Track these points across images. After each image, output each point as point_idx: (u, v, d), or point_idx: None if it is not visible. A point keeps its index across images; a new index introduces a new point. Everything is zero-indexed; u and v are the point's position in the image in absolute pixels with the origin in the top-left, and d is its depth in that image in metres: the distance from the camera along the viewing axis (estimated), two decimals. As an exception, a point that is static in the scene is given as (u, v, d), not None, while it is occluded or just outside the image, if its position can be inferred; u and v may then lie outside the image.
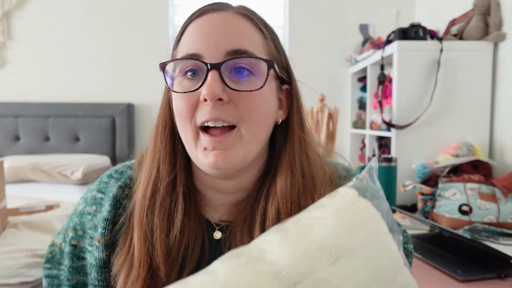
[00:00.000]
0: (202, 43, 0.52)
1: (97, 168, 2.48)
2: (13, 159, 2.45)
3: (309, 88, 0.74)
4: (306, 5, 2.83)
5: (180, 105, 0.53)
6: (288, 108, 0.59)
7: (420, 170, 1.66)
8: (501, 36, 1.75)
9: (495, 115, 1.82)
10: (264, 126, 0.55)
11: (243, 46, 0.51)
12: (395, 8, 2.83)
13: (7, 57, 2.84)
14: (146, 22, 2.83)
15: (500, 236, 1.29)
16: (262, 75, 0.52)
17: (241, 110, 0.51)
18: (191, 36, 0.54)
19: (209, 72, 0.50)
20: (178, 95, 0.53)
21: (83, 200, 0.63)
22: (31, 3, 2.83)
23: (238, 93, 0.51)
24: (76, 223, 0.61)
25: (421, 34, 1.84)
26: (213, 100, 0.49)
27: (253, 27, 0.54)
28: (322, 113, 2.13)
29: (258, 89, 0.51)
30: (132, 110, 2.84)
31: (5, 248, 1.43)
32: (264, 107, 0.53)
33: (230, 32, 0.52)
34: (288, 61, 0.60)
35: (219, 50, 0.51)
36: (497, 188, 1.39)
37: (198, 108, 0.52)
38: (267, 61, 0.52)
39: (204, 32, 0.52)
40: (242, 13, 0.55)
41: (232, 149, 0.52)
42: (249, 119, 0.52)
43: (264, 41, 0.55)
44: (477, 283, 1.01)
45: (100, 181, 0.63)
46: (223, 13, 0.54)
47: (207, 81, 0.49)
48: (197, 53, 0.51)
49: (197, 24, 0.54)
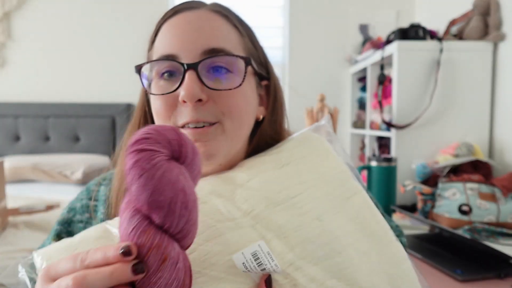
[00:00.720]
0: (178, 43, 0.51)
1: (97, 168, 2.48)
2: (13, 159, 2.45)
3: (299, 95, 0.74)
4: (306, 5, 2.83)
5: (158, 107, 0.52)
6: (267, 105, 0.59)
7: (420, 170, 1.66)
8: (501, 36, 1.75)
9: (495, 115, 1.82)
10: (245, 122, 0.54)
11: (219, 44, 0.51)
12: (395, 8, 2.83)
13: (7, 57, 2.84)
14: (146, 22, 2.82)
15: (500, 236, 1.29)
16: (240, 72, 0.51)
17: (222, 107, 0.50)
18: (166, 36, 0.53)
19: (186, 72, 0.49)
20: (156, 96, 0.52)
21: (68, 210, 0.62)
22: (31, 3, 2.83)
23: (217, 91, 0.50)
24: (61, 231, 0.60)
25: (421, 34, 1.84)
26: (192, 101, 0.48)
27: (228, 24, 0.54)
28: (322, 113, 2.13)
29: (237, 87, 0.51)
30: (132, 110, 2.80)
31: (5, 248, 1.43)
32: (244, 103, 0.53)
33: (205, 30, 0.51)
34: (266, 57, 0.59)
35: (195, 49, 0.50)
36: (497, 188, 1.39)
37: (177, 109, 0.51)
38: (244, 58, 0.51)
39: (179, 31, 0.52)
40: (216, 10, 0.54)
41: (213, 141, 0.50)
42: (230, 115, 0.51)
43: (240, 38, 0.54)
44: (477, 283, 1.01)
45: (89, 190, 0.63)
46: (197, 11, 0.53)
47: (185, 82, 0.48)
48: (173, 54, 0.51)
49: (171, 23, 0.53)
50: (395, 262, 0.46)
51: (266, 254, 0.42)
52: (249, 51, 0.55)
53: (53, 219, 1.73)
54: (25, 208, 1.72)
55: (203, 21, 0.52)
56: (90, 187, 0.64)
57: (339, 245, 0.44)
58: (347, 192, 0.48)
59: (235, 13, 0.57)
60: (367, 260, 0.44)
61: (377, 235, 0.47)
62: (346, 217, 0.46)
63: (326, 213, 0.46)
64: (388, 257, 0.46)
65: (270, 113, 0.58)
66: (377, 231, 0.47)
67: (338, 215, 0.46)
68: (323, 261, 0.43)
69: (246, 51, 0.55)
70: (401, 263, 0.46)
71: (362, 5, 2.84)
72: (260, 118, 0.58)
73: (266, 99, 0.59)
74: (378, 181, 1.55)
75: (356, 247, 0.44)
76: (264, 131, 0.57)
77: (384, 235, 0.47)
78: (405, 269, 0.46)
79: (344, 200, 0.47)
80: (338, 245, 0.44)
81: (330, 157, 0.51)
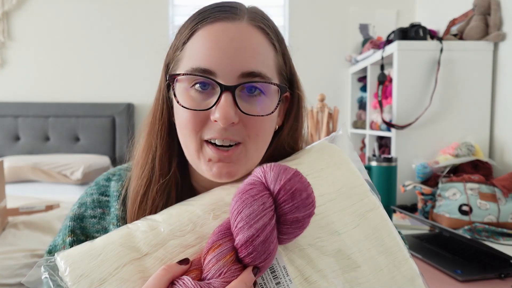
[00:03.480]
0: (216, 60, 0.49)
1: (97, 168, 2.48)
2: (13, 159, 2.45)
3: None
4: (306, 5, 2.83)
5: (187, 119, 0.51)
6: (284, 115, 0.59)
7: (420, 170, 1.66)
8: (501, 36, 1.75)
9: (495, 115, 1.81)
10: (267, 142, 0.55)
11: (257, 68, 0.50)
12: (395, 8, 2.83)
13: (7, 57, 2.84)
14: (146, 22, 2.83)
15: (500, 236, 1.29)
16: (273, 97, 0.52)
17: (249, 130, 0.51)
18: (203, 45, 0.50)
19: (223, 94, 0.48)
20: (185, 109, 0.51)
21: (79, 205, 0.61)
22: (31, 3, 2.83)
23: (249, 116, 0.50)
24: (74, 227, 0.59)
25: (421, 34, 1.84)
26: (226, 124, 0.48)
27: (266, 42, 0.53)
28: (322, 113, 2.13)
29: (269, 114, 0.51)
30: (132, 110, 2.84)
31: (5, 248, 1.43)
32: (270, 126, 0.54)
33: (245, 50, 0.50)
34: (292, 69, 0.59)
35: (234, 70, 0.49)
36: (497, 188, 1.38)
37: (206, 125, 0.51)
38: (279, 86, 0.52)
39: (218, 46, 0.50)
40: (256, 25, 0.52)
41: (236, 163, 0.51)
42: (256, 138, 0.52)
43: (275, 56, 0.54)
44: (477, 283, 1.01)
45: (99, 185, 0.63)
46: (238, 24, 0.51)
47: (221, 104, 0.48)
48: (210, 70, 0.49)
49: (209, 32, 0.51)
50: (408, 280, 0.47)
51: (282, 268, 0.43)
52: (281, 68, 0.55)
53: (53, 219, 1.73)
54: (25, 208, 1.72)
55: (244, 38, 0.50)
56: (99, 182, 0.63)
57: (355, 260, 0.45)
58: (365, 207, 0.49)
59: (272, 24, 0.56)
60: (381, 277, 0.45)
61: (391, 252, 0.47)
62: (363, 232, 0.47)
63: (345, 227, 0.47)
64: (402, 275, 0.47)
65: (290, 124, 0.58)
66: (392, 247, 0.48)
67: (356, 229, 0.47)
68: (339, 275, 0.44)
69: (277, 69, 0.55)
70: (414, 279, 0.47)
71: (362, 5, 2.84)
72: (276, 127, 0.58)
73: (284, 108, 0.59)
74: (378, 181, 1.55)
75: (371, 263, 0.45)
76: (282, 140, 0.58)
77: (399, 252, 0.48)
78: (417, 285, 0.47)
79: (362, 215, 0.48)
80: (355, 260, 0.45)
81: (349, 170, 0.52)
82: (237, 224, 0.41)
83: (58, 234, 0.61)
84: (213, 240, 0.42)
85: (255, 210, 0.40)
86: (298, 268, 0.44)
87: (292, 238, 0.43)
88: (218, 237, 0.41)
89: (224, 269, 0.39)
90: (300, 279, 0.43)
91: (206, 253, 0.41)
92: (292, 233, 0.42)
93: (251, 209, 0.40)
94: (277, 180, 0.41)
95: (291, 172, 0.42)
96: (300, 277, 0.43)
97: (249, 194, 0.41)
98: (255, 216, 0.40)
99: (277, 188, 0.41)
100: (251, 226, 0.40)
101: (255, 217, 0.40)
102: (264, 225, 0.40)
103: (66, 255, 0.44)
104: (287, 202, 0.41)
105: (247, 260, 0.40)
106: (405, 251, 0.49)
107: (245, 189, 0.42)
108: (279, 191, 0.41)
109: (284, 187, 0.41)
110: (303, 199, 0.41)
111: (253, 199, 0.41)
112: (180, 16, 2.88)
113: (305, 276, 0.43)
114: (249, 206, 0.40)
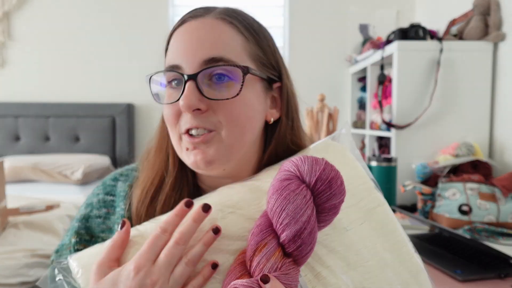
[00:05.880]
0: (180, 54, 0.53)
1: (97, 168, 2.48)
2: (13, 159, 2.46)
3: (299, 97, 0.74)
4: (306, 5, 2.83)
5: (166, 113, 0.55)
6: (281, 108, 0.59)
7: (420, 170, 1.66)
8: (501, 36, 1.75)
9: (495, 115, 1.82)
10: (247, 129, 0.54)
11: (219, 53, 0.52)
12: (395, 8, 2.83)
13: (7, 57, 2.84)
14: (146, 22, 2.83)
15: (500, 236, 1.29)
16: (240, 79, 0.52)
17: (220, 116, 0.52)
18: (173, 46, 0.56)
19: (186, 83, 0.51)
20: (164, 104, 0.56)
21: (86, 206, 0.62)
22: (31, 3, 2.83)
23: (216, 101, 0.51)
24: (79, 228, 0.60)
25: (421, 34, 1.84)
26: (189, 110, 0.51)
27: (232, 30, 0.54)
28: (322, 113, 2.13)
29: (234, 97, 0.51)
30: (132, 110, 2.84)
31: (5, 248, 1.43)
32: (244, 111, 0.53)
33: (206, 40, 0.53)
34: (278, 59, 0.59)
35: (196, 59, 0.52)
36: (497, 188, 1.39)
37: (182, 116, 0.54)
38: (241, 68, 0.52)
39: (182, 42, 0.54)
40: (221, 17, 0.54)
41: (210, 148, 0.52)
42: (228, 124, 0.52)
43: (245, 44, 0.55)
44: (476, 283, 1.01)
45: (105, 184, 0.63)
46: (201, 20, 0.54)
47: (184, 93, 0.51)
48: (177, 64, 0.53)
49: (178, 33, 0.56)
50: (413, 275, 0.48)
51: None
52: (255, 56, 0.56)
53: (53, 219, 1.74)
54: (25, 208, 1.72)
55: (206, 30, 0.53)
56: (106, 181, 0.64)
57: (363, 256, 0.46)
58: (371, 204, 0.50)
59: (242, 17, 0.56)
60: (387, 272, 0.46)
61: (397, 248, 0.49)
62: (370, 229, 0.48)
63: (352, 224, 0.48)
64: (407, 270, 0.48)
65: (285, 116, 0.59)
66: (397, 243, 0.49)
67: (363, 225, 0.48)
68: (347, 271, 0.45)
69: (251, 56, 0.55)
70: (419, 274, 0.48)
71: (362, 5, 2.84)
72: (271, 120, 0.58)
73: (279, 101, 0.60)
74: (378, 181, 1.53)
75: (378, 259, 0.46)
76: (282, 134, 0.58)
77: (404, 248, 0.49)
78: (422, 280, 0.48)
79: (368, 212, 0.49)
80: (362, 256, 0.46)
81: (354, 168, 0.53)
82: (282, 221, 0.42)
83: (66, 233, 0.62)
84: (257, 241, 0.42)
85: (299, 205, 0.41)
86: (308, 265, 0.45)
87: (328, 224, 0.45)
88: (261, 237, 0.42)
89: (278, 265, 0.40)
90: (310, 276, 0.44)
91: (253, 255, 0.42)
92: (329, 219, 0.44)
93: (295, 204, 0.41)
94: (313, 172, 0.43)
95: (323, 162, 0.44)
96: (310, 274, 0.44)
97: (289, 190, 0.42)
98: (300, 210, 0.41)
99: (314, 179, 0.43)
100: (297, 220, 0.41)
101: (299, 211, 0.41)
102: (309, 218, 0.41)
103: (78, 258, 0.46)
104: (325, 192, 0.42)
105: (296, 253, 0.42)
106: (410, 246, 0.50)
107: (282, 185, 0.43)
108: (316, 182, 0.43)
109: (321, 178, 0.42)
110: (338, 186, 0.43)
111: (295, 194, 0.42)
112: (180, 16, 2.87)
113: (314, 272, 0.44)
114: (292, 201, 0.41)
